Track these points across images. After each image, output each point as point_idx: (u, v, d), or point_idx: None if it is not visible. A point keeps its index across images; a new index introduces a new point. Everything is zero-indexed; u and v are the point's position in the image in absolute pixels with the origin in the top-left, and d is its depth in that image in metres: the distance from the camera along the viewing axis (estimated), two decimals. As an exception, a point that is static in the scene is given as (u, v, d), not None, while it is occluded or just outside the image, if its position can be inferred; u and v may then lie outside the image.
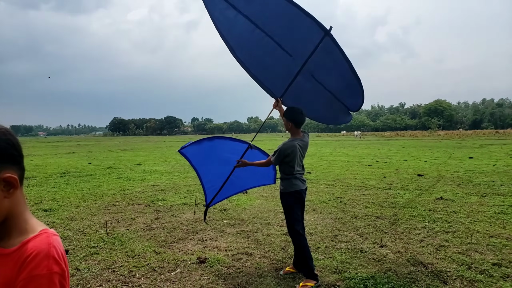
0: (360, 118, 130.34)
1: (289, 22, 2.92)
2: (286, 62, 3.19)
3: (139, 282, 3.45)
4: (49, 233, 0.92)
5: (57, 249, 0.89)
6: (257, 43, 3.07)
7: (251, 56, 3.19)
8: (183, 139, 66.92)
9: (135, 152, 23.74)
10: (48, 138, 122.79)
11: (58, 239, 0.94)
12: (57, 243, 0.91)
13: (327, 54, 3.13)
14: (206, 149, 3.63)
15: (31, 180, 10.20)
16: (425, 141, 37.39)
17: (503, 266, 3.68)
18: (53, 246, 0.88)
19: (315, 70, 3.25)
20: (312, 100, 3.64)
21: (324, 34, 2.97)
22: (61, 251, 0.91)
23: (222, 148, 3.70)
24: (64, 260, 0.90)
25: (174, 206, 6.62)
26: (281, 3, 2.72)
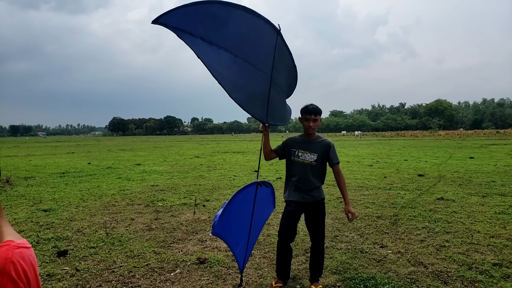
0: (360, 118, 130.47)
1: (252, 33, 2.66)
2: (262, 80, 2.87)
3: (139, 283, 3.43)
4: (11, 245, 0.79)
5: (16, 264, 0.77)
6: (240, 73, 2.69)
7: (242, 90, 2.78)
8: (183, 139, 66.94)
9: (135, 152, 23.74)
10: (47, 138, 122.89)
11: (25, 252, 0.81)
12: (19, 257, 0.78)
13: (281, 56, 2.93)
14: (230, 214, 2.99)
15: (30, 180, 10.19)
16: (425, 141, 37.39)
17: (503, 266, 3.67)
18: (11, 262, 0.76)
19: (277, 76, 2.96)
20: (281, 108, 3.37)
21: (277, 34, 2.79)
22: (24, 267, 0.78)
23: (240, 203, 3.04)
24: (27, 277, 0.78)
25: (174, 207, 6.60)
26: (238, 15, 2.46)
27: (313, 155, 3.11)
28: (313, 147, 3.13)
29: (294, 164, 3.16)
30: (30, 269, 0.80)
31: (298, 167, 3.13)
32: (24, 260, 0.79)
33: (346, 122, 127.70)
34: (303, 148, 3.14)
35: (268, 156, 3.22)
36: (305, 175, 3.11)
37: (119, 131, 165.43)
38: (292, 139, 3.23)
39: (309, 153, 3.11)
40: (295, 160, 3.15)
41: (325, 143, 3.14)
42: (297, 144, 3.17)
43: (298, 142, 3.19)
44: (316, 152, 3.11)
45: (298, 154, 3.14)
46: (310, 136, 3.17)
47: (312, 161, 3.10)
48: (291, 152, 3.17)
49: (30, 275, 0.79)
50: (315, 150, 3.12)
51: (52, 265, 3.83)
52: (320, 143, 3.15)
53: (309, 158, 3.11)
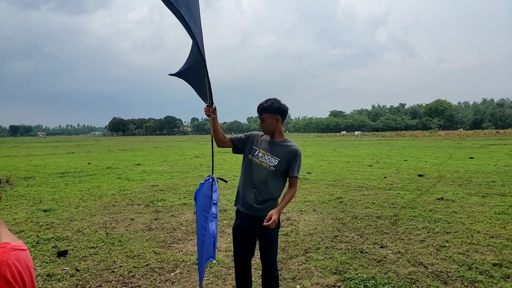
0: (360, 118, 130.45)
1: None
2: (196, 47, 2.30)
3: (139, 283, 3.43)
4: (7, 248, 0.79)
5: (12, 267, 0.77)
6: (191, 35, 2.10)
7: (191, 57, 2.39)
8: (183, 139, 66.93)
9: (135, 152, 23.73)
10: (47, 138, 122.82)
11: (20, 255, 0.81)
12: (15, 260, 0.78)
13: None
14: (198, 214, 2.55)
15: (30, 180, 10.19)
16: (425, 141, 37.38)
17: (503, 266, 3.67)
18: (6, 264, 0.76)
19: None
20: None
21: None
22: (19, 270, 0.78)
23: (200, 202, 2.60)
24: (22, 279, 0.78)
25: (174, 207, 6.60)
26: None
27: (274, 159, 2.58)
28: (276, 150, 2.60)
29: (251, 165, 2.63)
30: (26, 272, 0.80)
31: (256, 170, 2.60)
32: (19, 262, 0.79)
33: (346, 122, 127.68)
34: (266, 148, 2.62)
35: (221, 143, 2.65)
36: (262, 182, 2.58)
37: (119, 131, 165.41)
38: (257, 135, 2.72)
39: (270, 156, 2.59)
40: (253, 160, 2.63)
41: (291, 149, 2.61)
42: (261, 142, 2.67)
43: (262, 140, 2.67)
44: (278, 156, 2.58)
45: (257, 154, 2.63)
46: (273, 137, 2.65)
47: (271, 166, 2.57)
48: (252, 150, 2.66)
49: (26, 278, 0.79)
50: (277, 154, 2.59)
51: (52, 265, 3.83)
52: (286, 148, 2.61)
53: (269, 161, 2.58)
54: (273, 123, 2.58)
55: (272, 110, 2.55)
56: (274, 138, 2.65)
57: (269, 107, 2.55)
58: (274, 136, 2.65)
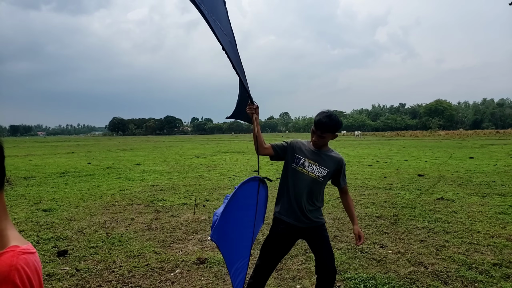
0: (360, 118, 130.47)
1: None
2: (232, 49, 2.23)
3: (139, 283, 3.43)
4: (16, 251, 0.77)
5: (21, 272, 0.75)
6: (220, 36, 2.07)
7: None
8: (183, 139, 66.93)
9: (135, 152, 23.73)
10: (47, 138, 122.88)
11: (29, 258, 0.79)
12: (24, 263, 0.77)
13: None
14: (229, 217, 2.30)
15: (30, 180, 10.19)
16: (425, 141, 37.39)
17: (503, 266, 3.67)
18: (15, 269, 0.74)
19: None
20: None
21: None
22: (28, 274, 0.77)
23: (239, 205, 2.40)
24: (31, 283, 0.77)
25: (174, 206, 6.60)
26: None
27: (323, 170, 2.53)
28: (324, 160, 2.55)
29: (296, 174, 2.55)
30: (34, 275, 0.78)
31: (301, 180, 2.53)
32: (28, 266, 0.78)
33: (346, 122, 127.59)
34: (312, 158, 2.55)
35: (262, 149, 2.52)
36: (309, 192, 2.53)
37: (119, 131, 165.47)
38: (300, 143, 2.62)
39: (318, 166, 2.53)
40: (297, 170, 2.55)
41: (338, 159, 2.60)
42: (304, 151, 2.57)
43: (306, 149, 2.58)
44: (326, 167, 2.54)
45: (304, 164, 2.54)
46: (320, 147, 2.60)
47: (320, 177, 2.53)
48: (295, 159, 2.56)
49: (34, 281, 0.78)
50: (325, 164, 2.54)
51: (52, 265, 3.83)
52: (333, 158, 2.59)
53: (317, 172, 2.53)
54: (329, 139, 2.58)
55: (335, 130, 2.53)
56: (321, 148, 2.60)
57: (334, 127, 2.49)
58: (322, 147, 2.60)
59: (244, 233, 2.46)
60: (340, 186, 2.67)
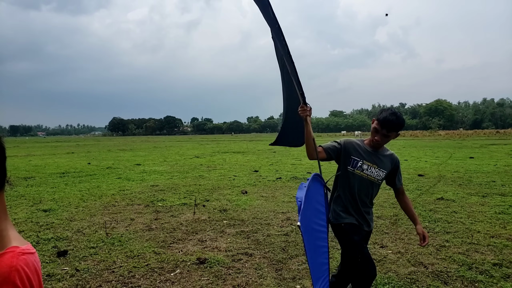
0: (360, 118, 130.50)
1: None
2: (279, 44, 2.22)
3: (139, 283, 3.43)
4: (16, 252, 0.77)
5: (22, 272, 0.75)
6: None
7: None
8: (183, 139, 66.94)
9: (135, 152, 23.73)
10: (47, 138, 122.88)
11: (29, 258, 0.79)
12: (24, 264, 0.76)
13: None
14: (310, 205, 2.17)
15: (30, 180, 10.19)
16: (425, 141, 37.38)
17: (503, 266, 3.67)
18: (15, 270, 0.74)
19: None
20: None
21: None
22: (28, 274, 0.77)
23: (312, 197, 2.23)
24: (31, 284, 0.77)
25: (174, 207, 6.60)
26: None
27: (381, 172, 2.44)
28: (382, 161, 2.45)
29: (354, 177, 2.43)
30: (34, 276, 0.78)
31: (361, 183, 2.43)
32: (28, 267, 0.77)
33: (346, 122, 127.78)
34: (370, 160, 2.43)
35: (313, 153, 2.34)
36: (366, 195, 2.45)
37: (119, 131, 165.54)
38: (354, 143, 2.48)
39: (377, 168, 2.43)
40: (355, 173, 2.43)
41: (394, 158, 2.51)
42: (361, 152, 2.45)
43: (362, 150, 2.46)
44: (385, 168, 2.45)
45: (362, 167, 2.42)
46: (377, 147, 2.48)
47: (379, 179, 2.44)
48: (351, 161, 2.44)
49: (34, 282, 0.78)
50: (384, 166, 2.45)
51: (52, 265, 3.83)
52: (389, 158, 2.49)
53: (376, 175, 2.43)
54: (391, 139, 2.44)
55: (400, 129, 2.38)
56: (378, 148, 2.47)
57: (400, 126, 2.35)
58: (379, 147, 2.48)
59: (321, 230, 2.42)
60: (396, 186, 2.57)
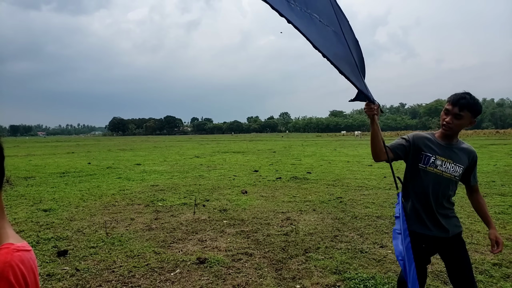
0: (360, 118, 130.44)
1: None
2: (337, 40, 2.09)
3: (139, 282, 3.44)
4: (10, 248, 0.77)
5: (15, 268, 0.75)
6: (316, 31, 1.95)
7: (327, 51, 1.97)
8: (183, 139, 66.93)
9: (135, 152, 23.73)
10: (47, 138, 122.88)
11: (24, 255, 0.79)
12: (18, 261, 0.76)
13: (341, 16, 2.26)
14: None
15: (30, 180, 10.19)
16: (425, 141, 37.33)
17: (503, 266, 3.67)
18: (9, 266, 0.74)
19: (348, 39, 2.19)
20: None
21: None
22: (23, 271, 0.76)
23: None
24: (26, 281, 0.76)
25: (174, 206, 6.60)
26: None
27: (458, 167, 2.14)
28: (457, 155, 2.16)
29: (426, 175, 2.17)
30: (30, 273, 0.78)
31: (435, 182, 2.15)
32: (23, 263, 0.77)
33: (346, 122, 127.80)
34: (444, 154, 2.16)
35: (380, 154, 2.22)
36: (443, 195, 2.16)
37: (119, 131, 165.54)
38: (424, 137, 2.23)
39: (452, 163, 2.14)
40: (427, 170, 2.17)
41: (471, 151, 2.20)
42: (433, 146, 2.19)
43: (434, 144, 2.20)
44: (461, 163, 2.15)
45: (435, 163, 2.15)
46: (450, 138, 2.18)
47: (456, 176, 2.15)
48: (422, 157, 2.20)
49: (29, 280, 0.77)
50: (460, 160, 2.15)
51: (52, 265, 3.83)
52: (466, 151, 2.18)
53: (453, 170, 2.14)
54: (465, 125, 2.11)
55: (477, 111, 2.07)
56: (450, 139, 2.19)
57: (475, 106, 2.05)
58: (451, 137, 2.18)
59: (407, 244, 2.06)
60: (471, 183, 2.25)
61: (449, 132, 2.14)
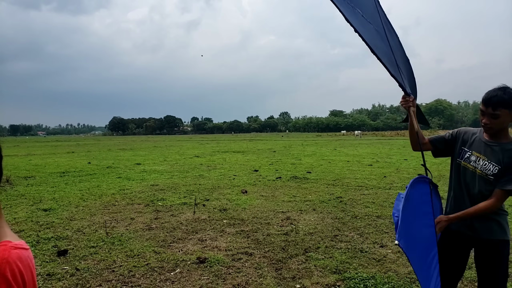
0: (360, 118, 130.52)
1: None
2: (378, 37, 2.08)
3: (139, 282, 3.44)
4: (7, 246, 0.78)
5: (13, 265, 0.75)
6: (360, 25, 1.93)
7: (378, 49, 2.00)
8: (183, 138, 66.91)
9: (135, 152, 23.73)
10: (47, 137, 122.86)
11: (22, 253, 0.79)
12: (16, 258, 0.76)
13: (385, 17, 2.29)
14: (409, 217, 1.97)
15: (30, 179, 10.19)
16: (425, 140, 37.33)
17: (503, 266, 3.67)
18: (7, 263, 0.74)
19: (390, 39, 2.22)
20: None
21: None
22: (20, 268, 0.76)
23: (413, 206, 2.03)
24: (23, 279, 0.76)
25: (174, 206, 6.61)
26: None
27: (492, 166, 2.00)
28: (495, 153, 2.00)
29: (460, 171, 2.13)
30: (27, 271, 0.78)
31: (465, 178, 2.11)
32: (21, 261, 0.77)
33: (346, 121, 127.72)
34: (480, 150, 2.06)
35: (416, 145, 2.20)
36: (478, 193, 2.04)
37: (119, 131, 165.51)
38: (470, 132, 2.15)
39: (486, 160, 2.02)
40: (462, 165, 2.12)
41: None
42: (474, 142, 2.10)
43: (476, 140, 2.10)
44: (497, 162, 1.98)
45: (470, 158, 2.08)
46: (495, 136, 2.03)
47: (489, 175, 2.00)
48: (461, 152, 2.14)
49: (27, 277, 0.77)
50: (496, 159, 1.99)
51: (52, 264, 3.84)
52: (509, 152, 1.97)
53: (485, 168, 2.02)
54: (507, 123, 1.96)
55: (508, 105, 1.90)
56: (496, 137, 2.03)
57: (509, 102, 1.90)
58: (496, 136, 2.03)
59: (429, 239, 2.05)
60: (503, 185, 1.97)
61: (491, 132, 2.03)
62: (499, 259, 2.05)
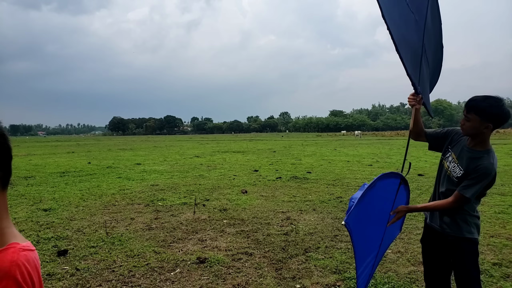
0: (360, 118, 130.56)
1: None
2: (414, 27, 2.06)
3: (139, 282, 3.44)
4: (16, 248, 0.79)
5: (22, 268, 0.76)
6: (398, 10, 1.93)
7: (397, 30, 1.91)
8: (183, 138, 66.90)
9: (135, 152, 23.72)
10: (47, 137, 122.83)
11: (30, 255, 0.81)
12: (24, 260, 0.78)
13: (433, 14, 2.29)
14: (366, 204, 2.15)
15: (30, 179, 10.19)
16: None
17: (503, 266, 3.67)
18: (16, 265, 0.76)
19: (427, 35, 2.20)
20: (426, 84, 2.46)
21: None
22: (29, 270, 0.78)
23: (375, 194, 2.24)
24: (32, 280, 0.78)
25: (174, 206, 6.61)
26: None
27: (459, 169, 2.11)
28: (465, 158, 2.09)
29: (440, 168, 2.27)
30: (35, 272, 0.79)
31: (443, 176, 2.23)
32: (29, 263, 0.79)
33: (346, 121, 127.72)
34: (456, 152, 2.16)
35: (418, 136, 2.36)
36: (446, 191, 2.17)
37: (119, 131, 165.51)
38: (458, 133, 2.22)
39: (457, 163, 2.13)
40: (442, 162, 2.26)
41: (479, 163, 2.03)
42: (457, 143, 2.20)
43: (462, 142, 2.18)
44: (462, 167, 2.09)
45: (448, 158, 2.20)
46: (476, 142, 2.08)
47: (454, 177, 2.13)
48: (446, 150, 2.26)
49: (35, 278, 0.79)
50: (463, 163, 2.09)
51: (52, 264, 3.84)
52: (475, 160, 2.04)
53: (453, 170, 2.14)
54: (478, 129, 2.00)
55: (486, 115, 1.94)
56: (475, 144, 2.09)
57: (482, 110, 1.94)
58: (475, 142, 2.09)
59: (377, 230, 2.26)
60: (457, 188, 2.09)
61: (465, 134, 2.11)
62: (465, 256, 2.14)
